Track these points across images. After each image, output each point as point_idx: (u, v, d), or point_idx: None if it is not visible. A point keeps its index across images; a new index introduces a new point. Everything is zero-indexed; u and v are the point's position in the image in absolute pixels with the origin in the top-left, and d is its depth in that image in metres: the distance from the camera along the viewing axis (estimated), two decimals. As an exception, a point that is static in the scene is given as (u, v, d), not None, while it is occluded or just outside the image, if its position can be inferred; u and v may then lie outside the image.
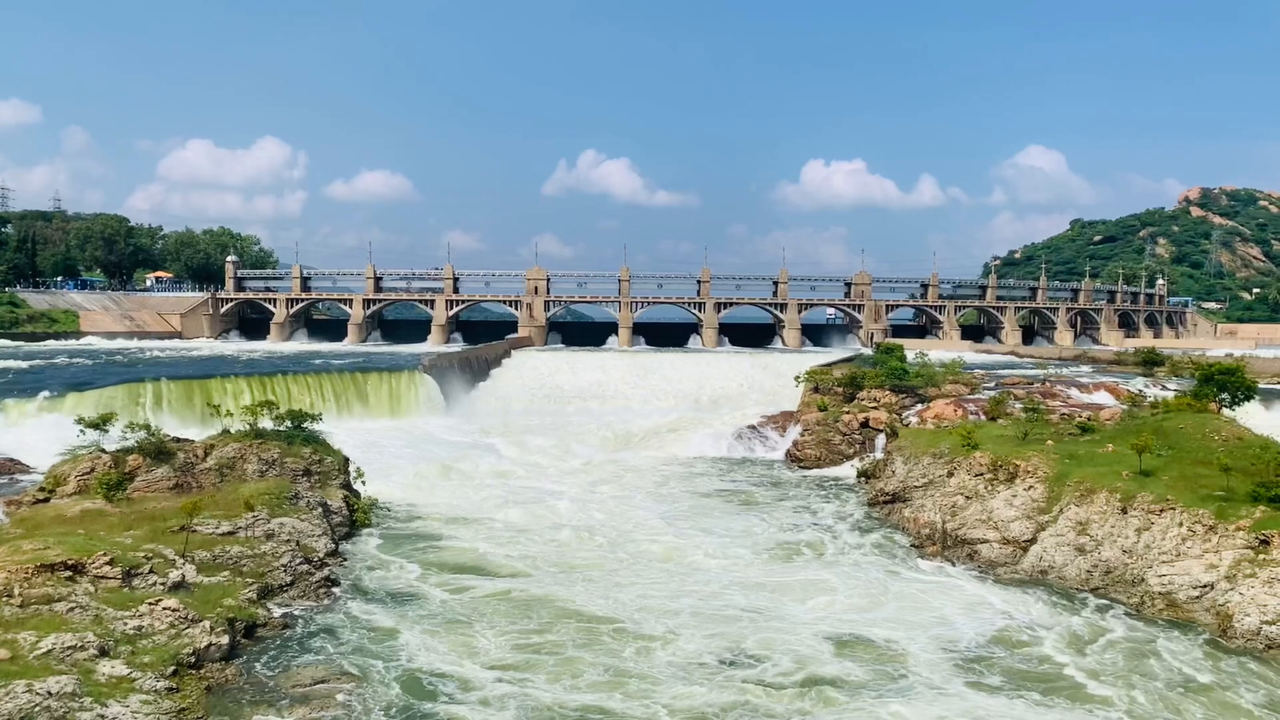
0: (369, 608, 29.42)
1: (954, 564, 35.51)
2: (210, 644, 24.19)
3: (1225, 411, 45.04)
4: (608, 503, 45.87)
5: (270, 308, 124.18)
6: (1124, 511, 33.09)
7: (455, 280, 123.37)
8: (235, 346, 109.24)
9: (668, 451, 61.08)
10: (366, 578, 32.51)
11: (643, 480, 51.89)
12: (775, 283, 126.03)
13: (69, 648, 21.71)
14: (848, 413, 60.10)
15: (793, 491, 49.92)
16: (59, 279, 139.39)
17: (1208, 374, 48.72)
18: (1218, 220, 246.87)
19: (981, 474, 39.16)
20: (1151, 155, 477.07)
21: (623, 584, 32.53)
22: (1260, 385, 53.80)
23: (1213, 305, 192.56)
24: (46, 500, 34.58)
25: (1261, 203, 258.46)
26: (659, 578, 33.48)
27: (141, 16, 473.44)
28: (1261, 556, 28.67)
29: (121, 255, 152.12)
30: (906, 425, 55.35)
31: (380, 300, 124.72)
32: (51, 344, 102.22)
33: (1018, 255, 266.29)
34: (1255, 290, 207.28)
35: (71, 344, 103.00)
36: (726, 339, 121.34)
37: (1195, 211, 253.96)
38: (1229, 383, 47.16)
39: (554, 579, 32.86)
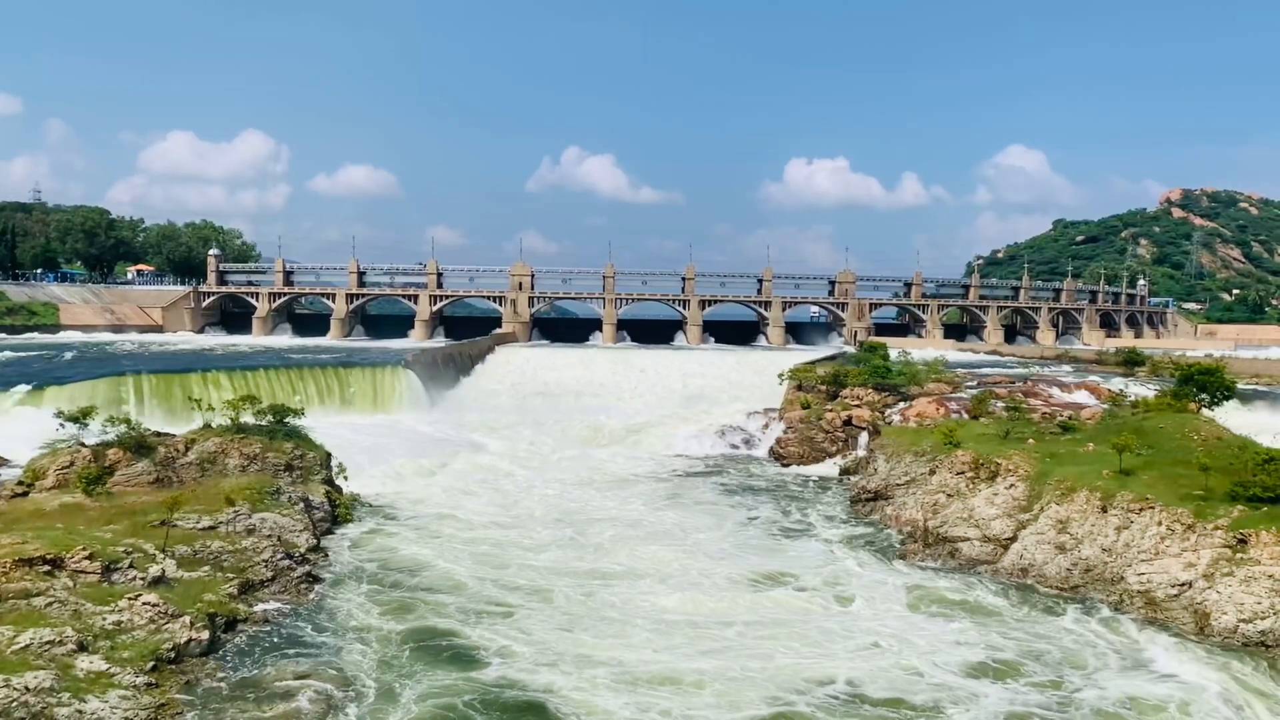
0: (349, 606, 29.26)
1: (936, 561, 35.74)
2: (190, 639, 24.09)
3: (1205, 411, 45.41)
4: (596, 504, 45.51)
5: (253, 302, 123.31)
6: (1104, 510, 33.35)
7: (439, 276, 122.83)
8: (217, 340, 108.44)
9: (651, 448, 61.12)
10: (347, 575, 32.32)
11: (633, 480, 51.67)
12: (760, 280, 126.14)
13: (47, 643, 21.58)
14: (831, 410, 60.27)
15: (808, 494, 49.99)
16: (39, 271, 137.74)
17: (1188, 374, 49.11)
18: (1199, 221, 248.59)
19: (963, 472, 39.39)
20: (1131, 157, 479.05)
21: (649, 666, 24.82)
22: (1239, 385, 54.25)
23: (1193, 306, 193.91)
24: (25, 494, 34.29)
25: (1242, 204, 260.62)
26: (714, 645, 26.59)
27: (123, 8, 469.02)
28: (1239, 555, 28.96)
29: (102, 248, 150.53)
30: (889, 423, 55.58)
31: (363, 295, 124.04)
32: (31, 337, 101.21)
33: (1001, 255, 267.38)
34: (1235, 291, 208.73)
35: (51, 337, 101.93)
36: (711, 336, 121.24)
37: (1177, 213, 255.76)
38: (1209, 383, 47.57)
39: (554, 645, 26.33)
